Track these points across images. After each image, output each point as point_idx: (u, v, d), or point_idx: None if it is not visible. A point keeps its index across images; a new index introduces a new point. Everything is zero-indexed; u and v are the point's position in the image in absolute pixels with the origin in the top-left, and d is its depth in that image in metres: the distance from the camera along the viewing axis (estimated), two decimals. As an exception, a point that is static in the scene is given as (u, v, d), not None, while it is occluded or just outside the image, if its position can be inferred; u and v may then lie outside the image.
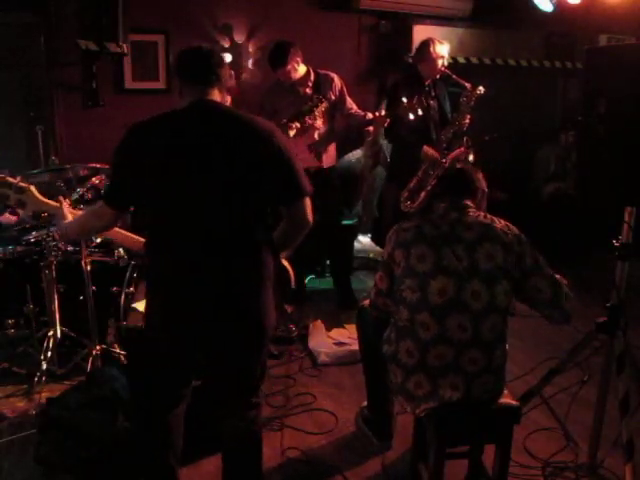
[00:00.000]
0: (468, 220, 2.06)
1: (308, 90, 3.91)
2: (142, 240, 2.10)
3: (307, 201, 1.94)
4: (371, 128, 4.02)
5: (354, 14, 5.30)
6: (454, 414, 2.01)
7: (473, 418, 2.05)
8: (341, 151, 4.63)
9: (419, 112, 3.54)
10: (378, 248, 5.35)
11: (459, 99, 3.76)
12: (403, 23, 5.32)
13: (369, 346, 2.57)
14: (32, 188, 2.16)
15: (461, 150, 3.82)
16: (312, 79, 3.91)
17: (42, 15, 4.28)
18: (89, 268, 3.04)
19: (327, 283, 4.65)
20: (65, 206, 2.13)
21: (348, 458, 2.60)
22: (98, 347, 3.12)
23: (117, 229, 2.11)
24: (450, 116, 3.88)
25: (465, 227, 2.04)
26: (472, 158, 3.85)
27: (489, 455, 2.25)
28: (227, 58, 4.93)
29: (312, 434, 2.77)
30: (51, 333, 3.14)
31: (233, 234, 1.83)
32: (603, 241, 2.43)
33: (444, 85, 3.98)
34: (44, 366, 3.07)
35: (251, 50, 5.00)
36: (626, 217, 2.29)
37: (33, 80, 4.47)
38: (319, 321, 3.88)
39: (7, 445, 2.60)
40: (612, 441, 2.40)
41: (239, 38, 4.95)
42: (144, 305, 1.96)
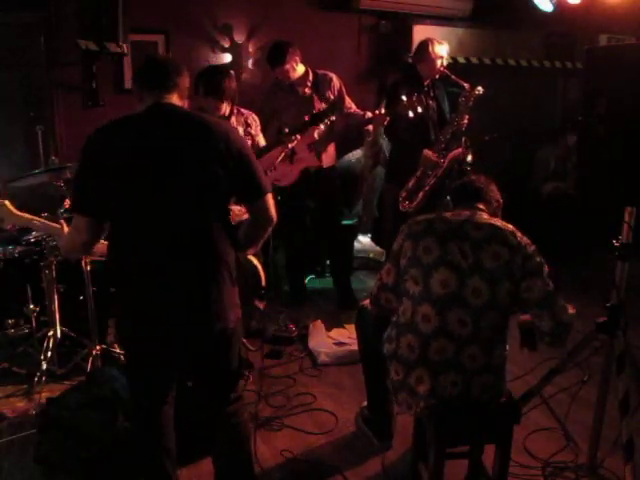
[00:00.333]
0: (479, 220, 2.09)
1: (307, 90, 3.91)
2: None
3: (269, 198, 1.96)
4: (371, 127, 4.02)
5: (354, 14, 5.30)
6: (454, 414, 2.01)
7: (473, 418, 2.05)
8: (341, 151, 4.63)
9: (419, 110, 3.54)
10: (378, 248, 5.35)
11: (458, 99, 3.77)
12: (403, 23, 5.31)
13: (369, 346, 2.58)
14: (7, 203, 2.15)
15: (459, 150, 3.83)
16: (311, 79, 3.92)
17: (42, 15, 4.27)
18: (89, 268, 3.04)
19: (327, 283, 4.65)
20: (65, 227, 2.12)
21: (348, 458, 2.60)
22: (98, 347, 3.12)
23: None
24: (449, 116, 3.88)
25: (475, 226, 2.06)
26: (470, 158, 3.85)
27: (489, 455, 2.25)
28: (227, 58, 4.94)
29: (312, 434, 2.77)
30: (51, 333, 3.15)
31: (194, 234, 1.84)
32: (603, 241, 2.42)
33: (443, 85, 3.97)
34: (44, 366, 3.07)
35: (251, 50, 5.00)
36: (626, 217, 2.29)
37: (33, 80, 4.46)
38: (319, 321, 3.88)
39: (7, 445, 2.61)
40: (612, 441, 2.40)
41: (239, 38, 4.95)
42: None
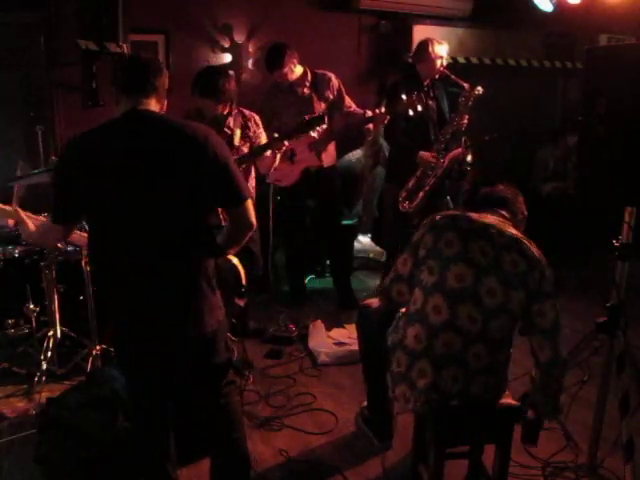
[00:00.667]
0: (503, 228, 2.07)
1: (306, 90, 3.91)
2: None
3: (249, 205, 1.96)
4: (371, 126, 4.02)
5: (354, 14, 5.30)
6: (454, 414, 2.01)
7: (473, 418, 2.05)
8: (341, 151, 4.63)
9: (419, 108, 3.54)
10: (378, 248, 5.35)
11: (458, 99, 3.77)
12: (403, 23, 5.32)
13: (369, 346, 2.58)
14: None
15: (459, 150, 3.83)
16: (309, 79, 3.92)
17: (42, 15, 4.28)
18: (89, 268, 3.04)
19: (327, 283, 4.65)
20: (21, 213, 2.09)
21: (348, 458, 2.60)
22: (98, 347, 3.12)
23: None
24: (448, 116, 3.88)
25: (498, 232, 2.05)
26: (470, 158, 3.85)
27: (489, 455, 2.25)
28: (227, 58, 4.94)
29: (312, 434, 2.77)
30: (51, 333, 3.15)
31: (169, 241, 1.84)
32: (603, 241, 2.42)
33: (443, 85, 3.97)
34: (44, 366, 3.07)
35: (251, 50, 5.00)
36: (626, 217, 2.29)
37: (33, 80, 4.47)
38: (319, 321, 3.88)
39: (7, 445, 2.61)
40: (612, 441, 2.40)
41: (239, 38, 4.95)
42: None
